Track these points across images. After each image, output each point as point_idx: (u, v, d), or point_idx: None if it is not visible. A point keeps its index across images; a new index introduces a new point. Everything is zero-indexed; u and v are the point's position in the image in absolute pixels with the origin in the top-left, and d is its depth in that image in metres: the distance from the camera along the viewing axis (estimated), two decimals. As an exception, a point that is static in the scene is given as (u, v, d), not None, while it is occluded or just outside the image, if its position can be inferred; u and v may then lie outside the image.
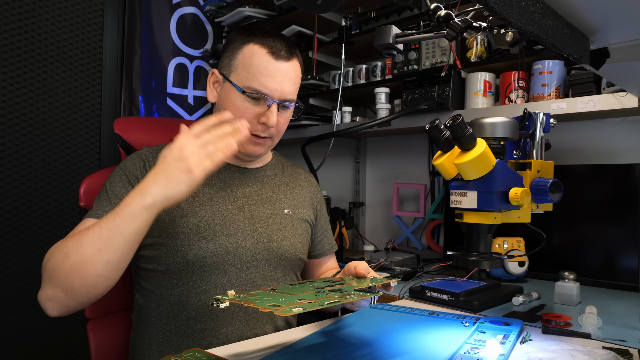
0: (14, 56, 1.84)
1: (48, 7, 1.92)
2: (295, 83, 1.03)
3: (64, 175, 1.97)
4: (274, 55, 0.99)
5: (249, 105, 0.99)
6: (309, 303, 0.69)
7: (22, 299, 1.86)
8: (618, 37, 0.65)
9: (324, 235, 1.22)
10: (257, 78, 0.98)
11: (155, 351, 0.97)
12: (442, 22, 0.82)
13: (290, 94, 1.02)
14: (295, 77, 1.03)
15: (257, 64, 0.98)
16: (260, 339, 0.91)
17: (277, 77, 0.99)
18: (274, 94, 0.99)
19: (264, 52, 0.99)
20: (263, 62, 0.98)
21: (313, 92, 2.10)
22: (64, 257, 0.80)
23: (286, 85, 1.00)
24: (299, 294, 0.76)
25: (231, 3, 2.25)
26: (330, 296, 0.75)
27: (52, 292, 0.83)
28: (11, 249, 1.83)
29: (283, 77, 1.00)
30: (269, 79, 0.98)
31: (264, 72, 0.98)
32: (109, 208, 0.91)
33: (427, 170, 2.06)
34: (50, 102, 1.93)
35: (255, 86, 0.98)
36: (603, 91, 1.34)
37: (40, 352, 1.89)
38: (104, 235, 0.78)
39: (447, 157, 0.87)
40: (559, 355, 0.77)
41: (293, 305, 0.66)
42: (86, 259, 0.79)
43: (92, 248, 0.78)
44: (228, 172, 1.08)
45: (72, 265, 0.79)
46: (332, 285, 0.85)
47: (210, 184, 1.04)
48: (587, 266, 1.40)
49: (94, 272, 0.79)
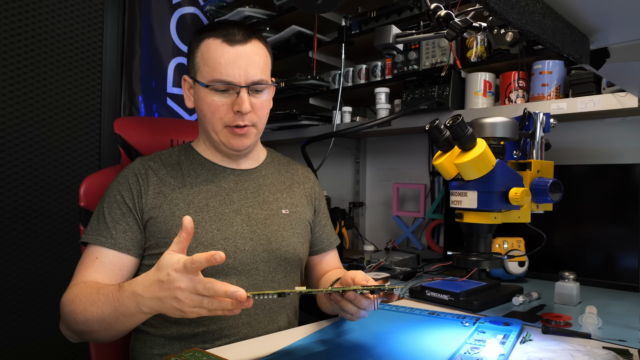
0: (14, 56, 1.84)
1: (48, 7, 1.92)
2: (259, 64, 0.99)
3: (64, 175, 1.97)
4: (228, 42, 0.96)
5: (218, 98, 0.98)
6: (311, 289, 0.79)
7: (22, 298, 1.86)
8: (618, 37, 0.65)
9: (322, 231, 1.19)
10: (217, 69, 0.96)
11: (156, 354, 0.97)
12: (442, 22, 0.82)
13: (255, 75, 0.98)
14: (258, 59, 0.99)
15: (214, 55, 0.97)
16: (260, 338, 0.91)
17: (237, 62, 0.96)
18: (238, 79, 0.96)
19: (218, 42, 0.97)
20: (219, 51, 0.96)
21: (313, 92, 2.10)
22: (74, 322, 0.86)
23: (250, 68, 0.97)
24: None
25: (231, 3, 2.25)
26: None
27: (70, 335, 0.91)
28: (11, 249, 1.83)
29: (244, 61, 0.96)
30: (228, 67, 0.96)
31: (222, 61, 0.96)
32: (107, 233, 0.95)
33: (427, 170, 2.05)
34: (50, 102, 1.93)
35: (217, 76, 0.96)
36: (603, 91, 1.34)
37: (40, 352, 1.89)
38: (107, 321, 0.82)
39: (447, 157, 0.87)
40: (559, 355, 0.77)
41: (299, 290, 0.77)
42: (94, 331, 0.85)
43: (97, 326, 0.84)
44: (222, 174, 1.06)
45: (82, 330, 0.86)
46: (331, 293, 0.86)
47: (206, 189, 1.03)
48: (587, 266, 1.40)
49: (102, 339, 0.88)
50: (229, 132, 1.00)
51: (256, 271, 1.00)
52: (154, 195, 0.99)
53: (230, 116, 0.99)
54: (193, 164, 1.06)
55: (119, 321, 0.81)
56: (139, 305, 0.77)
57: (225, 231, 0.99)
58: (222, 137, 1.01)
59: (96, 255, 0.94)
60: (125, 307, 0.78)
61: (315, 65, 2.00)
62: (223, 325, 0.96)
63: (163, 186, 1.01)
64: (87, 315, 0.83)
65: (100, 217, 0.97)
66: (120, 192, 0.99)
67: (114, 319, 0.81)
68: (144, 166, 1.03)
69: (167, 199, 0.99)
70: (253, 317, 0.99)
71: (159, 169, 1.03)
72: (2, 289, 1.81)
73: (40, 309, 1.90)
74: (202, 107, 1.00)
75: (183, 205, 0.99)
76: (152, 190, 1.00)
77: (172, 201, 0.99)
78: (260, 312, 1.00)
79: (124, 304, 0.79)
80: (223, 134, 1.01)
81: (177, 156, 1.08)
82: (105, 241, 0.94)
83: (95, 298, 0.83)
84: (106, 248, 0.94)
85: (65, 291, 0.90)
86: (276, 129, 2.29)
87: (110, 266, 0.94)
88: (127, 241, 0.96)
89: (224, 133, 1.01)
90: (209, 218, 0.99)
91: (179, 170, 1.05)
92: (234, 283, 0.97)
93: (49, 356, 1.91)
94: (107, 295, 0.82)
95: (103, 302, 0.82)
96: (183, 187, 1.02)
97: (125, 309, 0.78)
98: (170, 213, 0.98)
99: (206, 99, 0.98)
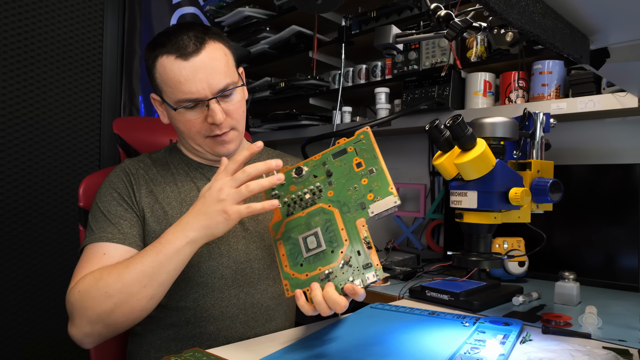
0: (14, 56, 1.84)
1: (48, 7, 1.92)
2: (220, 70, 0.93)
3: (64, 175, 1.97)
4: (182, 56, 0.91)
5: (190, 115, 0.95)
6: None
7: (22, 299, 1.86)
8: (618, 37, 0.65)
9: None
10: (179, 88, 0.91)
11: (153, 358, 0.96)
12: (442, 22, 0.82)
13: (220, 83, 0.93)
14: (217, 64, 0.93)
15: (171, 75, 0.92)
16: (260, 338, 0.91)
17: (197, 75, 0.91)
18: (204, 93, 0.92)
19: (172, 59, 0.91)
20: (175, 69, 0.91)
21: (313, 92, 2.10)
22: (105, 297, 0.81)
23: (211, 78, 0.92)
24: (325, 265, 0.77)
25: (231, 3, 2.25)
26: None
27: (90, 328, 0.83)
28: (11, 249, 1.83)
29: (203, 73, 0.91)
30: (189, 83, 0.91)
31: (181, 80, 0.91)
32: (112, 229, 0.92)
33: (427, 170, 2.05)
34: (50, 102, 1.93)
35: (182, 96, 0.92)
36: (603, 91, 1.34)
37: (40, 352, 1.89)
38: (149, 272, 0.81)
39: (447, 157, 0.87)
40: (559, 355, 0.77)
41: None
42: (131, 296, 0.81)
43: (137, 285, 0.81)
44: (211, 173, 1.05)
45: (116, 303, 0.81)
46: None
47: (197, 186, 1.02)
48: (587, 266, 1.40)
49: (139, 307, 0.83)
50: (211, 141, 0.98)
51: (250, 269, 1.00)
52: (146, 194, 0.98)
53: (206, 127, 0.96)
54: (180, 163, 1.05)
55: (161, 267, 0.81)
56: (184, 232, 0.81)
57: None
58: (206, 147, 1.00)
59: (103, 252, 0.89)
60: (170, 241, 0.81)
61: (315, 65, 2.00)
62: (220, 326, 0.96)
63: (154, 185, 1.00)
64: (124, 278, 0.81)
65: (99, 217, 0.94)
66: (116, 189, 0.97)
67: (157, 266, 0.81)
68: (135, 166, 1.02)
69: (159, 198, 0.98)
70: (250, 317, 0.99)
71: (149, 169, 1.03)
72: (2, 289, 1.81)
73: (40, 309, 1.90)
74: (178, 125, 0.99)
75: (175, 204, 0.98)
76: (144, 190, 0.99)
77: (164, 200, 0.98)
78: (257, 311, 1.00)
79: (167, 240, 0.82)
80: (206, 144, 0.99)
81: (165, 157, 1.07)
82: (113, 237, 0.91)
83: (128, 261, 0.83)
84: (115, 244, 0.90)
85: (72, 287, 0.85)
86: (276, 129, 2.29)
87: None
88: (135, 236, 0.93)
89: (207, 143, 0.99)
90: None
91: (169, 169, 1.04)
92: (229, 282, 0.97)
93: (49, 356, 1.91)
94: (145, 249, 0.83)
95: (141, 256, 0.82)
96: (174, 186, 1.01)
97: (170, 244, 0.81)
98: (162, 213, 0.97)
99: (179, 118, 0.96)
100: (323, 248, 0.78)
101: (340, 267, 0.76)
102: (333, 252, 0.77)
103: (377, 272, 0.73)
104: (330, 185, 0.82)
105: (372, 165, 0.80)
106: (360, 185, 0.80)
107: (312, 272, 0.77)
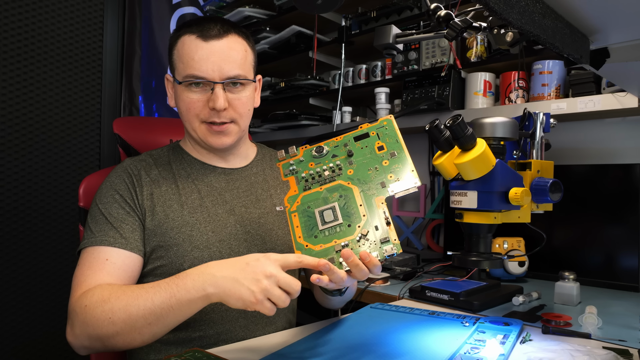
0: (14, 56, 1.84)
1: (48, 7, 1.92)
2: (235, 59, 0.95)
3: (64, 175, 1.97)
4: (203, 37, 0.93)
5: (193, 94, 0.95)
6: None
7: (21, 299, 1.86)
8: (618, 37, 0.65)
9: None
10: (190, 65, 0.93)
11: (153, 359, 0.96)
12: (442, 22, 0.82)
13: (231, 70, 0.94)
14: (235, 54, 0.95)
15: (188, 52, 0.94)
16: (260, 339, 0.91)
17: (211, 57, 0.93)
18: (212, 75, 0.93)
19: (192, 37, 0.94)
20: (192, 47, 0.94)
21: (313, 92, 2.10)
22: (108, 322, 0.79)
23: (224, 64, 0.93)
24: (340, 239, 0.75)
25: (231, 3, 2.25)
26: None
27: (88, 343, 0.82)
28: (11, 249, 1.83)
29: (218, 56, 0.93)
30: (202, 62, 0.93)
31: (195, 57, 0.93)
32: (114, 233, 0.90)
33: (427, 170, 2.05)
34: (50, 102, 1.93)
35: (190, 72, 0.93)
36: (603, 91, 1.34)
37: (40, 352, 1.89)
38: (157, 313, 0.77)
39: (447, 157, 0.87)
40: (559, 355, 0.77)
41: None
42: (134, 330, 0.79)
43: (143, 321, 0.78)
44: (213, 174, 1.04)
45: (118, 332, 0.79)
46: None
47: (198, 188, 1.01)
48: (587, 266, 1.40)
49: (140, 340, 0.80)
50: (206, 129, 0.98)
51: None
52: (148, 196, 0.97)
53: (206, 112, 0.96)
54: (182, 163, 1.04)
55: (170, 311, 0.77)
56: (204, 285, 0.75)
57: (220, 233, 0.97)
58: (200, 134, 0.99)
59: (106, 257, 0.88)
60: (186, 289, 0.76)
61: (315, 65, 2.00)
62: (220, 330, 0.95)
63: (155, 187, 0.98)
64: (131, 311, 0.78)
65: (99, 219, 0.92)
66: (117, 191, 0.96)
67: (166, 309, 0.77)
68: (136, 167, 1.01)
69: (160, 201, 0.97)
70: (250, 320, 0.98)
71: (151, 169, 1.01)
72: (2, 289, 1.82)
73: (40, 309, 1.90)
74: (179, 104, 0.99)
75: (177, 206, 0.97)
76: (146, 191, 0.97)
77: (165, 202, 0.97)
78: (257, 314, 0.98)
79: (185, 286, 0.76)
80: (200, 131, 0.98)
81: (167, 156, 1.06)
82: (115, 241, 0.89)
83: (139, 292, 0.79)
84: (117, 248, 0.89)
85: (77, 297, 0.83)
86: (276, 129, 2.29)
87: (123, 267, 0.89)
88: (137, 241, 0.92)
89: (202, 130, 0.98)
90: (203, 219, 0.97)
91: (170, 170, 1.02)
92: None
93: (49, 356, 1.91)
94: (159, 285, 0.79)
95: (152, 293, 0.78)
96: (175, 187, 0.99)
97: (186, 292, 0.76)
98: (164, 215, 0.95)
99: (182, 96, 0.97)
100: (340, 221, 0.76)
101: (357, 239, 0.74)
102: (350, 225, 0.75)
103: (395, 246, 0.72)
104: (351, 164, 0.82)
105: (395, 149, 0.81)
106: (381, 166, 0.80)
107: (327, 244, 0.75)
